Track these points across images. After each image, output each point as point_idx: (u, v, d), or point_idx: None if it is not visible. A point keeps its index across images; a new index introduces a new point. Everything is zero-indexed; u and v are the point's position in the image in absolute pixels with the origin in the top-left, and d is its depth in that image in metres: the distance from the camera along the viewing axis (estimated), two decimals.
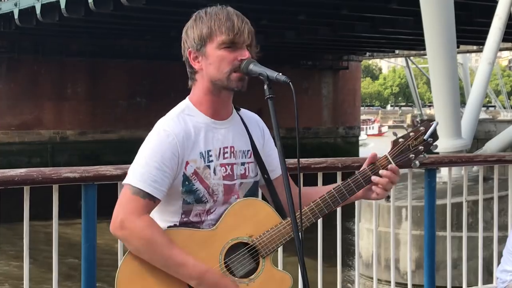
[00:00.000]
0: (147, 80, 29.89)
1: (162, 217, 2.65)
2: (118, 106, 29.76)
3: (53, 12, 21.62)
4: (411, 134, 2.73)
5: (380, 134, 76.12)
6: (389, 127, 79.78)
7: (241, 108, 2.80)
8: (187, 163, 2.60)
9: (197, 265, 2.54)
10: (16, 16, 23.01)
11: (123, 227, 2.52)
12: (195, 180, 2.61)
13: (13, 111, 27.68)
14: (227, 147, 2.68)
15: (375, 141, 63.82)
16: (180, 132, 2.59)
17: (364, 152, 40.48)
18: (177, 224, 2.63)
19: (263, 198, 2.84)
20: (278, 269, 2.68)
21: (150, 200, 2.54)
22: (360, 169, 2.76)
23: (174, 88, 29.61)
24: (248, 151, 2.74)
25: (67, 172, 3.66)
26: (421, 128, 2.73)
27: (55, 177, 3.62)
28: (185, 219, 2.63)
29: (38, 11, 21.63)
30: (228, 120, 2.71)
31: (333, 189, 2.70)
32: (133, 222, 2.51)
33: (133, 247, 2.54)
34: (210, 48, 2.60)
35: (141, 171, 2.56)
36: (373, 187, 2.74)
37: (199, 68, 2.64)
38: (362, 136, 67.39)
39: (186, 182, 2.60)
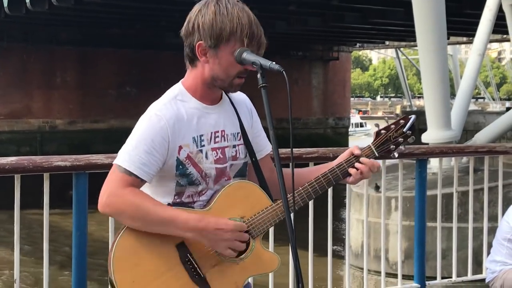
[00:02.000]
0: (137, 69, 29.81)
1: (155, 197, 2.67)
2: (108, 96, 29.69)
3: (42, 1, 21.52)
4: (392, 126, 2.86)
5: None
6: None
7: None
8: (180, 147, 2.63)
9: (192, 215, 2.58)
10: (5, 4, 22.89)
11: (110, 201, 2.56)
12: (188, 164, 2.65)
13: (2, 99, 27.59)
14: (218, 131, 2.71)
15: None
16: (171, 117, 2.61)
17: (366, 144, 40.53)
18: (170, 204, 2.67)
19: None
20: (267, 249, 2.74)
21: (136, 179, 2.58)
22: (345, 158, 2.82)
23: (164, 77, 29.60)
24: (237, 133, 2.77)
25: (58, 160, 3.65)
26: (401, 121, 2.87)
27: (46, 166, 3.61)
28: (177, 200, 2.68)
29: None
30: (219, 104, 2.74)
31: (321, 175, 2.76)
32: (120, 193, 2.55)
33: (125, 216, 2.56)
34: (224, 51, 2.60)
35: (131, 153, 2.58)
36: (352, 172, 2.82)
37: (204, 61, 2.64)
38: (368, 126, 67.79)
39: (180, 166, 2.63)
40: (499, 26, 14.42)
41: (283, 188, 2.44)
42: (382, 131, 2.85)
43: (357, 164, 2.80)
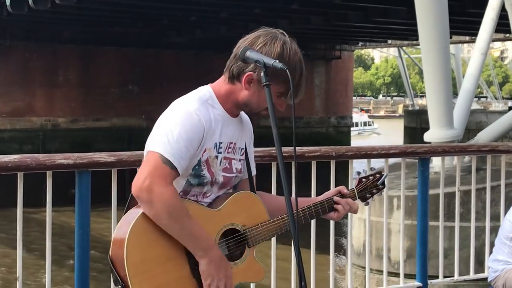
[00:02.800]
0: (139, 68, 29.77)
1: None
2: (110, 94, 29.66)
3: None
4: (370, 177, 3.23)
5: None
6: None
7: None
8: (204, 150, 2.73)
9: (209, 239, 2.68)
10: (8, 2, 22.86)
11: (151, 190, 2.60)
12: (204, 167, 2.75)
13: (4, 98, 27.57)
14: (232, 143, 2.83)
15: (383, 130, 63.86)
16: (207, 120, 2.71)
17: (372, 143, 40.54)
18: None
19: None
20: (257, 261, 2.87)
21: (175, 173, 2.65)
22: (328, 196, 3.08)
23: (166, 76, 29.64)
24: (242, 149, 2.90)
25: (61, 158, 3.65)
26: (377, 174, 3.26)
27: (49, 164, 3.62)
28: (182, 197, 2.75)
29: None
30: (237, 118, 2.86)
31: (312, 205, 3.01)
32: (163, 187, 2.61)
33: (155, 211, 2.61)
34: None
35: (174, 146, 2.65)
36: (338, 208, 3.08)
37: (245, 88, 2.74)
38: (374, 125, 67.99)
39: (197, 167, 2.74)
40: (501, 25, 14.39)
41: (287, 191, 2.51)
42: (363, 179, 3.22)
43: (341, 201, 3.07)
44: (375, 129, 67.74)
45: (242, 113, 2.89)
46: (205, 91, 2.78)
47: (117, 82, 29.79)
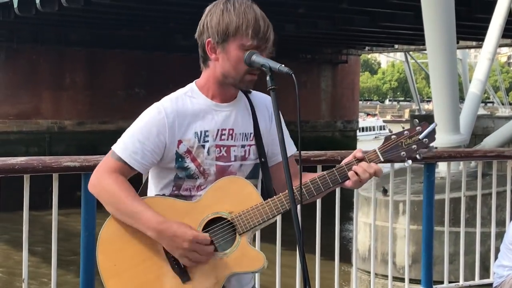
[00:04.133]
0: (146, 70, 29.86)
1: (155, 189, 2.76)
2: (116, 97, 29.74)
3: (52, 2, 21.57)
4: (405, 132, 2.73)
5: None
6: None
7: (252, 91, 2.83)
8: (179, 141, 2.67)
9: (155, 215, 2.59)
10: (15, 5, 22.95)
11: (95, 183, 2.67)
12: (187, 157, 2.68)
13: (11, 100, 27.66)
14: (225, 129, 2.72)
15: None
16: (172, 112, 2.67)
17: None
18: (166, 195, 2.72)
19: None
20: (253, 247, 2.69)
21: (125, 165, 2.66)
22: (346, 161, 2.75)
23: (172, 79, 29.64)
24: (250, 133, 2.77)
25: (67, 161, 3.66)
26: (418, 127, 2.73)
27: (55, 166, 3.63)
28: (175, 192, 2.71)
29: (37, 0, 21.58)
30: (232, 103, 2.76)
31: (317, 177, 2.70)
32: (105, 177, 2.65)
33: (102, 200, 2.66)
34: (232, 46, 2.63)
35: (126, 141, 2.69)
36: (350, 175, 2.72)
37: (214, 58, 2.68)
38: (387, 129, 68.27)
39: (179, 159, 2.68)
40: (509, 30, 14.40)
41: (291, 189, 2.47)
42: (393, 136, 2.73)
43: (354, 167, 2.71)
44: (389, 133, 68.40)
45: (252, 95, 2.81)
46: (186, 86, 2.77)
47: (123, 85, 29.87)
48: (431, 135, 2.72)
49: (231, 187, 2.68)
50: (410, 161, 2.73)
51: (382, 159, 2.73)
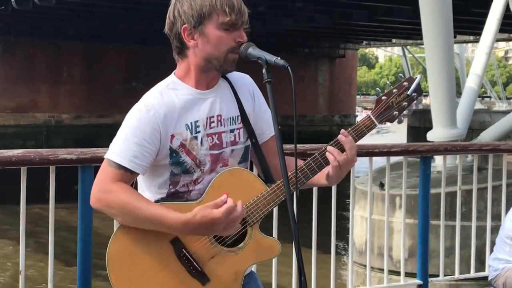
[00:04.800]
0: (143, 64, 29.80)
1: (150, 189, 2.68)
2: (114, 91, 29.71)
3: None
4: (394, 90, 2.70)
5: None
6: None
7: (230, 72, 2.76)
8: (172, 136, 2.61)
9: (178, 216, 2.51)
10: None
11: (100, 197, 2.56)
12: (182, 152, 2.62)
13: (8, 93, 27.64)
14: (213, 116, 2.67)
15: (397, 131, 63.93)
16: (161, 107, 2.60)
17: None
18: (164, 196, 2.66)
19: (250, 163, 2.84)
20: (266, 236, 2.68)
21: (126, 172, 2.57)
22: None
23: (170, 73, 29.60)
24: (237, 116, 2.73)
25: (64, 153, 3.66)
26: (405, 83, 2.69)
27: (52, 158, 3.63)
28: (172, 190, 2.65)
29: None
30: (214, 89, 2.70)
31: (303, 164, 2.66)
32: (109, 188, 2.54)
33: (115, 212, 2.56)
34: (209, 27, 2.59)
35: (121, 147, 2.58)
36: (329, 158, 2.65)
37: (193, 45, 2.62)
38: (387, 123, 68.35)
39: (174, 155, 2.61)
40: (506, 25, 14.42)
41: (286, 180, 2.44)
42: (383, 98, 2.69)
43: (328, 148, 2.65)
44: (389, 128, 68.29)
45: (232, 78, 2.75)
46: (166, 79, 2.71)
47: (121, 79, 29.84)
48: (418, 89, 2.69)
49: (232, 180, 2.63)
50: (402, 119, 2.72)
51: (377, 124, 2.71)
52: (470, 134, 13.92)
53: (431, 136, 11.02)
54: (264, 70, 2.51)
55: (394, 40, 41.53)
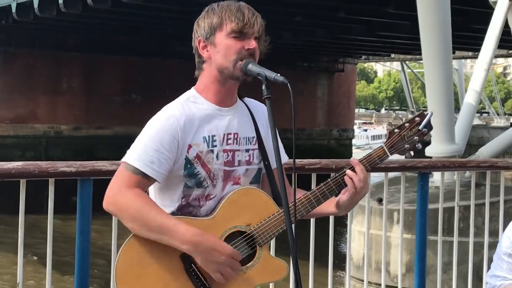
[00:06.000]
0: (142, 76, 29.84)
1: (162, 203, 2.69)
2: (113, 102, 29.72)
3: (51, 7, 21.58)
4: (406, 124, 2.80)
5: None
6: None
7: (245, 97, 2.84)
8: (189, 146, 2.64)
9: (191, 228, 2.56)
10: (13, 9, 22.97)
11: (115, 201, 2.57)
12: (197, 163, 2.65)
13: (8, 104, 27.64)
14: (230, 134, 2.71)
15: None
16: (181, 116, 2.63)
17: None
18: (175, 209, 2.67)
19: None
20: (275, 257, 2.72)
21: (143, 178, 2.58)
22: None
23: (169, 85, 29.64)
24: (253, 137, 2.78)
25: (63, 166, 3.67)
26: (416, 118, 2.80)
27: (51, 171, 3.64)
28: (184, 203, 2.67)
29: (36, 5, 21.60)
30: (233, 107, 2.75)
31: (316, 189, 2.74)
32: (124, 193, 2.56)
33: (126, 217, 2.57)
34: (219, 37, 2.64)
35: (139, 152, 2.60)
36: (347, 181, 2.75)
37: (207, 56, 2.68)
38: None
39: (188, 165, 2.64)
40: (505, 41, 14.47)
41: (285, 198, 2.47)
42: (396, 130, 2.80)
43: (348, 172, 2.74)
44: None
45: (246, 100, 2.81)
46: (187, 92, 2.74)
47: (120, 90, 29.86)
48: (429, 124, 2.80)
49: (245, 198, 2.67)
50: (412, 153, 2.81)
51: (389, 155, 2.80)
52: (469, 149, 13.96)
53: (430, 151, 11.03)
54: (263, 86, 2.55)
55: (393, 55, 41.67)
